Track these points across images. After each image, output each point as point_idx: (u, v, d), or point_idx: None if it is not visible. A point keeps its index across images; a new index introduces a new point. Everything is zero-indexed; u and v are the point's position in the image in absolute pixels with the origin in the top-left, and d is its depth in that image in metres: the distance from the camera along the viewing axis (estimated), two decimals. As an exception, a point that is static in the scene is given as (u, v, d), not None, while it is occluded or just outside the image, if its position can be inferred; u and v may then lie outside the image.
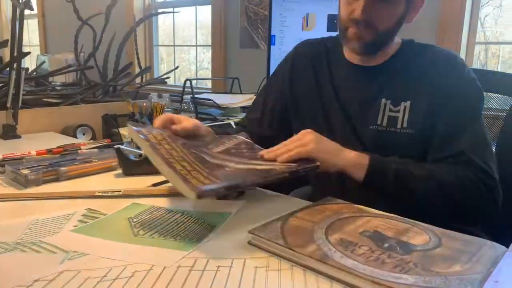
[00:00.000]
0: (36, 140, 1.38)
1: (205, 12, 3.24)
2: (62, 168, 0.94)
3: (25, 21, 1.43)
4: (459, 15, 2.12)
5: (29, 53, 1.60)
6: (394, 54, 0.95)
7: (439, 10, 2.15)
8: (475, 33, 2.19)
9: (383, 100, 0.92)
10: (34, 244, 0.61)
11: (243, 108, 1.76)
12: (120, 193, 0.83)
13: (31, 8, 1.40)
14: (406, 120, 0.89)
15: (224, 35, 2.93)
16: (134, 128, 0.80)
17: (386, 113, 0.91)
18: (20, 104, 1.40)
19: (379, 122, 0.92)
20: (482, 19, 2.19)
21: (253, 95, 1.74)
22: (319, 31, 2.03)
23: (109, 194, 0.83)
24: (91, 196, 0.82)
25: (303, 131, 0.84)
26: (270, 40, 2.00)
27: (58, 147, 1.11)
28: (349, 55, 0.99)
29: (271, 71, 2.00)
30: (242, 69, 2.81)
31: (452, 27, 2.13)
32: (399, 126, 0.90)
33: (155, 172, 0.94)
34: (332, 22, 2.02)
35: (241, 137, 0.93)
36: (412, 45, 0.97)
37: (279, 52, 2.02)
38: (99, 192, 0.83)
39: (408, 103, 0.90)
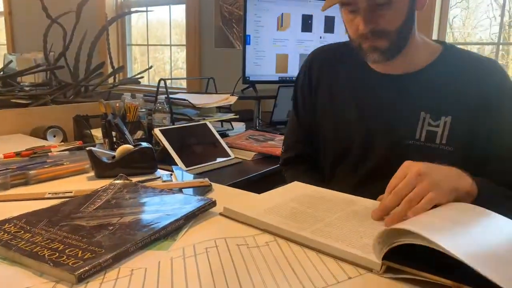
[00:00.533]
0: (4, 142, 1.33)
1: (179, 11, 3.21)
2: (31, 172, 0.91)
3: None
4: (429, 16, 2.17)
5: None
6: (433, 62, 0.89)
7: (410, 11, 2.20)
8: (445, 34, 2.25)
9: (422, 114, 0.86)
10: None
11: (219, 108, 1.75)
12: (72, 194, 0.81)
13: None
14: (446, 136, 0.84)
15: (198, 34, 2.91)
16: None
17: (425, 127, 0.86)
18: (-14, 105, 1.35)
19: (417, 137, 0.86)
20: (450, 20, 2.26)
21: (229, 94, 1.73)
22: (294, 31, 2.04)
23: (60, 195, 0.81)
24: (41, 198, 0.80)
25: (406, 165, 0.67)
26: (245, 40, 2.00)
27: (27, 149, 1.07)
28: (377, 66, 0.93)
29: (247, 70, 2.01)
30: (218, 68, 2.79)
31: (423, 28, 2.18)
32: (437, 141, 0.85)
33: (132, 173, 0.93)
34: (307, 22, 2.04)
35: (118, 181, 0.86)
36: (453, 51, 0.90)
37: (254, 52, 2.02)
38: (50, 193, 0.81)
39: (449, 118, 0.85)
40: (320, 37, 2.05)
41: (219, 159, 1.30)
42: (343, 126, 0.96)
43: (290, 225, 0.64)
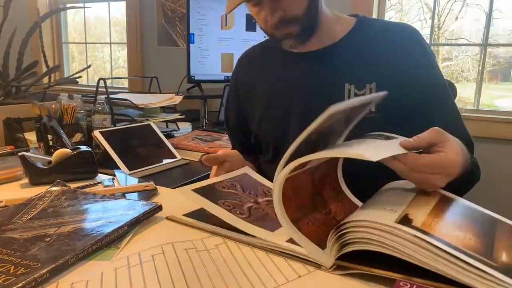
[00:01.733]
0: None
1: (119, 8, 3.09)
2: (-45, 181, 0.82)
3: None
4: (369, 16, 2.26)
5: None
6: (348, 34, 0.91)
7: (351, 10, 2.28)
8: (382, 34, 2.35)
9: (347, 85, 0.87)
10: None
11: (163, 108, 1.70)
12: (2, 204, 0.75)
13: None
14: (374, 104, 0.84)
15: (140, 32, 2.82)
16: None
17: (352, 98, 0.86)
18: None
19: None
20: (387, 21, 2.36)
21: (173, 94, 1.69)
22: (238, 30, 2.04)
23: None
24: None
25: (451, 143, 0.63)
26: (189, 38, 1.96)
27: (-51, 156, 0.98)
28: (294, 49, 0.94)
29: (192, 69, 1.98)
30: (161, 67, 2.72)
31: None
32: (367, 111, 0.84)
33: (70, 179, 0.87)
34: (251, 21, 2.04)
35: (55, 188, 0.80)
36: (368, 21, 0.93)
37: (199, 51, 1.99)
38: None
39: (373, 85, 0.85)
40: (265, 37, 2.06)
41: (164, 161, 1.26)
42: (279, 115, 0.95)
43: (238, 226, 0.63)
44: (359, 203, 0.70)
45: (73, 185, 0.85)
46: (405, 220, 0.51)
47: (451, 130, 0.74)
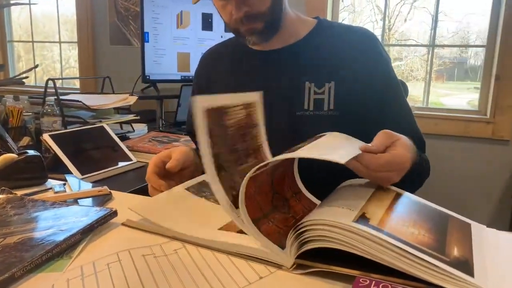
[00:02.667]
0: None
1: (69, 5, 2.95)
2: None
3: None
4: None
5: None
6: (309, 34, 0.94)
7: (305, 11, 2.31)
8: (336, 35, 2.40)
9: (307, 84, 0.89)
10: None
11: (117, 109, 1.65)
12: None
13: None
14: (332, 102, 0.87)
15: (91, 31, 2.71)
16: None
17: (312, 96, 0.88)
18: None
19: (306, 107, 0.89)
20: (341, 23, 2.42)
21: (128, 94, 1.64)
22: (195, 29, 2.01)
23: None
24: None
25: (403, 142, 0.68)
26: (143, 37, 1.91)
27: None
28: (258, 46, 0.95)
29: (147, 69, 1.93)
30: (114, 67, 2.64)
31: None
32: (325, 108, 0.88)
33: (17, 186, 0.82)
34: (207, 21, 2.02)
35: (0, 195, 0.76)
36: (327, 23, 0.97)
37: (154, 50, 1.94)
38: None
39: (332, 84, 0.88)
40: (221, 36, 2.05)
41: (119, 164, 1.22)
42: None
43: (197, 231, 0.62)
44: (318, 202, 0.71)
45: (20, 192, 0.80)
46: (363, 218, 0.52)
47: (404, 130, 0.79)
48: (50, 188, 0.87)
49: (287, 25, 0.92)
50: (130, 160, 1.27)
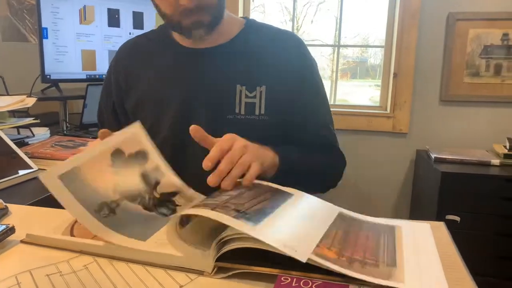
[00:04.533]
0: None
1: None
2: None
3: None
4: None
5: None
6: (238, 34, 0.91)
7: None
8: (248, 34, 2.43)
9: (238, 87, 0.86)
10: None
11: (13, 113, 1.49)
12: None
13: None
14: (264, 106, 0.86)
15: (-22, 25, 2.42)
16: None
17: (243, 99, 0.86)
18: None
19: (237, 111, 0.86)
20: (252, 22, 2.46)
21: (25, 96, 1.49)
22: (100, 25, 1.89)
23: None
24: None
25: (231, 136, 0.70)
26: (41, 33, 1.75)
27: None
28: (182, 40, 0.91)
29: (46, 68, 1.77)
30: (8, 66, 2.38)
31: (229, 28, 2.31)
32: (257, 112, 0.86)
33: None
34: (114, 17, 1.91)
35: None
36: (256, 24, 0.94)
37: (54, 47, 1.79)
38: None
39: (263, 88, 0.86)
40: (130, 33, 1.96)
41: (18, 173, 1.10)
42: (168, 115, 0.91)
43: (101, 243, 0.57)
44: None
45: None
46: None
47: (320, 135, 0.91)
48: None
49: (222, 22, 0.89)
50: (30, 168, 1.15)
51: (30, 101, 1.45)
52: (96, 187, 0.60)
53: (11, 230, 0.61)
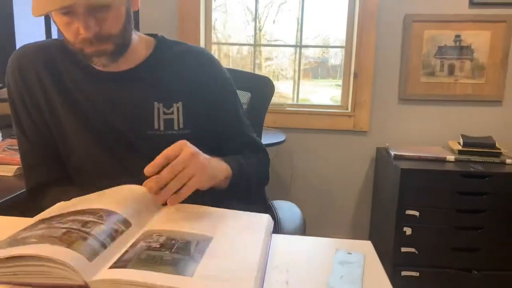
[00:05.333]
0: None
1: None
2: None
3: None
4: (196, 19, 2.29)
5: None
6: (151, 55, 0.92)
7: (178, 10, 2.27)
8: (210, 35, 2.42)
9: (156, 104, 0.89)
10: None
11: (-40, 116, 1.40)
12: None
13: None
14: (182, 121, 0.89)
15: None
16: None
17: (161, 116, 0.89)
18: None
19: (156, 127, 0.88)
20: (213, 23, 2.44)
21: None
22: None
23: None
24: None
25: (182, 143, 0.73)
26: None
27: None
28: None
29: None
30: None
31: (192, 30, 2.28)
32: (176, 127, 0.89)
33: None
34: None
35: None
36: (166, 43, 0.96)
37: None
38: None
39: (180, 104, 0.90)
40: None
41: (-34, 180, 1.03)
42: (86, 133, 0.88)
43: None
44: None
45: None
46: None
47: (243, 142, 0.97)
48: None
49: (132, 46, 0.88)
50: (-20, 174, 1.09)
51: (-21, 103, 1.37)
52: None
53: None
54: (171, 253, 0.53)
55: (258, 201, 1.01)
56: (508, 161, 1.97)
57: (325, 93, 2.58)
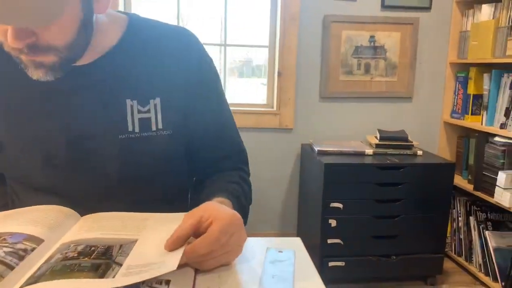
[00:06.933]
0: None
1: None
2: None
3: None
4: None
5: None
6: (121, 40, 0.74)
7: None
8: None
9: (128, 102, 0.73)
10: None
11: None
12: None
13: None
14: (161, 120, 0.75)
15: None
16: None
17: (136, 116, 0.73)
18: None
19: (130, 129, 0.73)
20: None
21: None
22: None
23: None
24: None
25: (225, 231, 0.56)
26: None
27: None
28: None
29: None
30: None
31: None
32: (154, 128, 0.74)
33: None
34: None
35: None
36: (137, 23, 0.77)
37: None
38: None
39: (158, 100, 0.74)
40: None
41: None
42: (39, 145, 0.74)
43: None
44: None
45: None
46: None
47: (226, 144, 0.84)
48: None
49: (97, 35, 0.69)
50: None
51: None
52: None
53: None
54: (91, 259, 0.49)
55: (183, 205, 0.92)
56: (419, 152, 2.14)
57: (251, 92, 2.60)
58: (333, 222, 1.97)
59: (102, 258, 0.50)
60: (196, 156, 0.83)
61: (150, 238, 0.57)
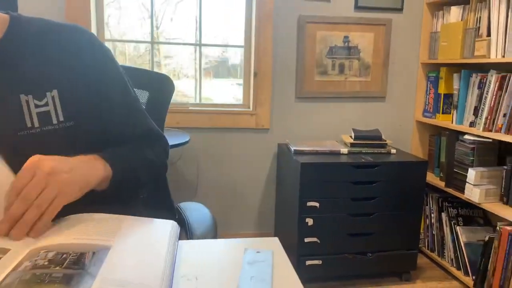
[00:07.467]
0: None
1: None
2: None
3: None
4: (87, 14, 2.13)
5: None
6: (4, 37, 0.74)
7: (65, 4, 2.09)
8: (103, 32, 2.27)
9: (22, 97, 0.72)
10: None
11: None
12: None
13: None
14: (61, 112, 0.74)
15: None
16: None
17: (33, 110, 0.73)
18: None
19: (30, 125, 0.73)
20: (106, 19, 2.30)
21: None
22: None
23: None
24: None
25: (33, 162, 0.60)
26: None
27: None
28: None
29: None
30: None
31: (81, 24, 2.11)
32: (55, 121, 0.74)
33: None
34: None
35: None
36: (23, 20, 0.77)
37: None
38: None
39: (55, 92, 0.74)
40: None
41: None
42: None
43: None
44: None
45: None
46: None
47: (136, 128, 0.84)
48: None
49: None
50: None
51: None
52: None
53: None
54: (62, 269, 0.47)
55: (162, 206, 0.92)
56: (392, 151, 2.19)
57: (227, 92, 2.59)
58: (310, 221, 1.99)
59: (74, 268, 0.48)
60: (112, 143, 0.82)
61: (124, 246, 0.55)
